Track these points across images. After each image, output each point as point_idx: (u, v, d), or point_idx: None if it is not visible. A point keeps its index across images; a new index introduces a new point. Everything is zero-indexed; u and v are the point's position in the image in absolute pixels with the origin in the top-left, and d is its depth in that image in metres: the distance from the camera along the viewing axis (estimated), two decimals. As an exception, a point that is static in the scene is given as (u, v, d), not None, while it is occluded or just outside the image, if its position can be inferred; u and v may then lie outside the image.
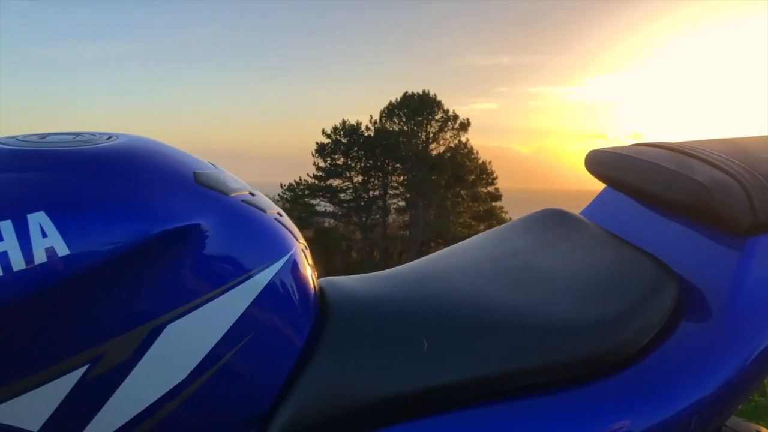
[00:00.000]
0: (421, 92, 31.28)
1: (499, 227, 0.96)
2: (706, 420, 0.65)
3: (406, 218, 31.28)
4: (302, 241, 0.67)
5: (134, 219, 0.50)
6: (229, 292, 0.54)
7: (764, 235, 0.72)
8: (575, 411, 0.64)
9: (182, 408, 0.53)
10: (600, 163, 0.91)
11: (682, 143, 0.85)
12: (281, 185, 30.36)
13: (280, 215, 0.65)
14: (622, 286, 0.72)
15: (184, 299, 0.52)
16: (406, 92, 31.53)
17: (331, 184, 30.74)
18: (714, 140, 0.87)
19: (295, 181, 30.44)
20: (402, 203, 31.39)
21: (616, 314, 0.68)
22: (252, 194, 0.62)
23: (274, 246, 0.59)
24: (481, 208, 31.11)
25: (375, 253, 28.84)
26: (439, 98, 31.24)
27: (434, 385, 0.62)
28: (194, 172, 0.57)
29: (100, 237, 0.48)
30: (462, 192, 30.93)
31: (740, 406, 2.21)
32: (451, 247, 0.91)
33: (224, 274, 0.54)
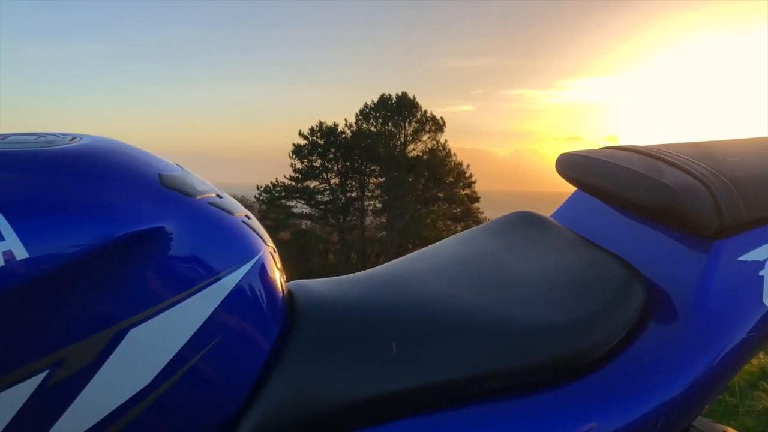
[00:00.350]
0: (398, 94, 31.36)
1: (470, 230, 0.96)
2: (673, 421, 0.66)
3: (384, 220, 31.29)
4: (270, 244, 0.66)
5: (96, 222, 0.49)
6: (195, 295, 0.53)
7: (730, 238, 0.73)
8: (543, 414, 0.64)
9: (148, 412, 0.52)
10: (570, 166, 0.92)
11: (652, 147, 0.85)
12: (257, 187, 30.15)
13: (248, 218, 0.64)
14: (590, 288, 0.72)
15: (148, 303, 0.51)
16: (384, 94, 31.60)
17: (308, 186, 30.62)
18: (683, 144, 0.88)
19: (271, 182, 30.27)
20: (379, 205, 31.41)
21: (583, 317, 0.68)
22: (219, 196, 0.62)
23: (241, 249, 0.58)
24: (458, 210, 31.26)
25: (352, 255, 28.81)
26: (416, 100, 31.36)
27: (403, 389, 0.62)
28: (159, 174, 0.57)
29: (60, 240, 0.48)
30: (440, 194, 31.05)
31: (710, 407, 2.24)
32: (422, 249, 0.91)
33: (189, 278, 0.53)
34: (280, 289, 0.63)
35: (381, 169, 30.79)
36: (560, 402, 0.65)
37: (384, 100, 31.33)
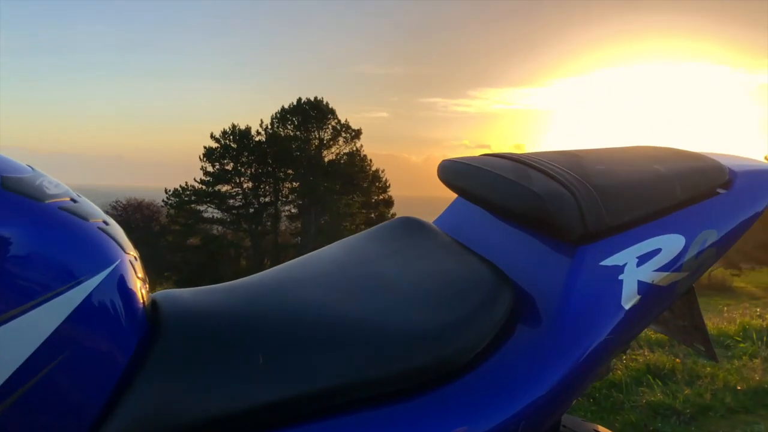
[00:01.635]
0: (314, 98, 31.24)
1: (354, 236, 0.95)
2: (536, 422, 0.67)
3: (298, 225, 31.03)
4: (132, 251, 0.63)
5: None
6: (38, 308, 0.50)
7: (593, 244, 0.75)
8: (411, 422, 0.64)
9: None
10: (450, 172, 0.92)
11: (527, 154, 0.87)
12: (166, 190, 29.08)
13: (106, 223, 0.61)
14: (459, 294, 0.72)
15: None
16: (299, 98, 31.39)
17: (219, 190, 29.91)
18: (557, 152, 0.90)
19: (180, 186, 29.28)
20: (294, 210, 31.13)
21: (450, 323, 0.68)
22: (74, 201, 0.59)
23: (94, 257, 0.55)
24: (373, 215, 31.48)
25: (265, 261, 28.29)
26: (332, 105, 31.38)
27: (269, 402, 0.60)
28: (2, 176, 0.53)
29: None
30: (355, 199, 31.17)
31: (598, 402, 2.33)
32: (304, 256, 0.90)
33: (32, 289, 0.50)
34: (141, 299, 0.60)
35: (296, 174, 30.55)
36: (428, 409, 0.65)
37: (299, 104, 31.12)
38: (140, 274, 0.63)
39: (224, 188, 30.02)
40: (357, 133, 31.40)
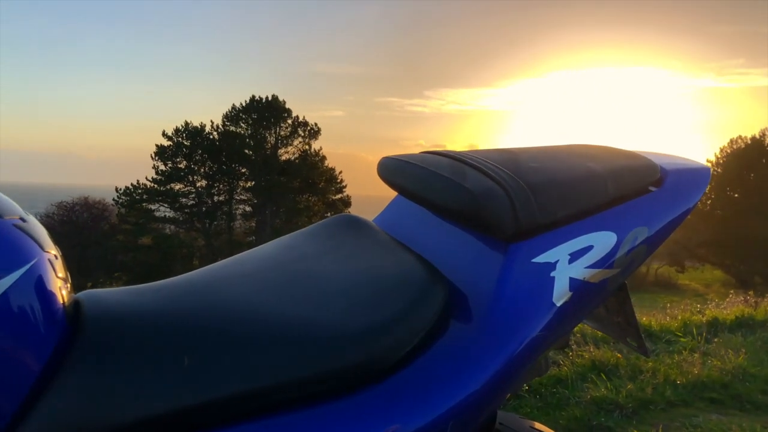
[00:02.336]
0: (269, 96, 30.90)
1: (292, 233, 0.94)
2: (464, 422, 0.67)
3: (253, 224, 30.64)
4: (52, 250, 0.60)
5: None
6: None
7: (526, 241, 0.75)
8: (341, 422, 0.62)
9: None
10: (388, 170, 0.92)
11: (466, 152, 0.87)
12: (116, 189, 28.28)
13: (23, 220, 0.58)
14: (391, 292, 0.71)
15: None
16: (254, 96, 30.97)
17: (171, 189, 29.24)
18: (494, 150, 0.90)
19: (132, 184, 28.53)
20: (249, 209, 30.72)
21: (380, 321, 0.67)
22: None
23: (7, 256, 0.53)
24: (329, 214, 31.34)
25: (219, 261, 27.82)
26: (288, 104, 31.09)
27: (194, 404, 0.58)
28: None
29: None
30: (311, 198, 30.98)
31: (544, 398, 2.37)
32: (241, 253, 0.88)
33: None
34: (61, 299, 0.58)
35: (251, 173, 30.15)
36: (356, 409, 0.64)
37: (252, 102, 30.73)
38: (61, 274, 0.60)
39: (177, 187, 29.39)
40: (315, 132, 31.20)
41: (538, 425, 0.96)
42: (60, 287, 0.58)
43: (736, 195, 31.37)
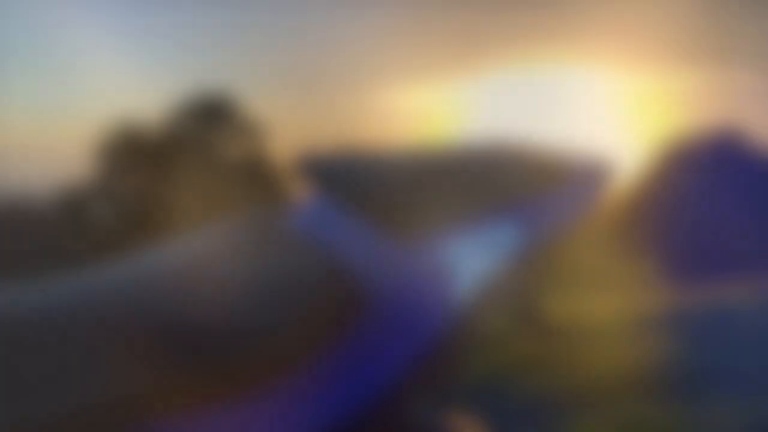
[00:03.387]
0: (211, 93, 30.01)
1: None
2: (371, 421, 0.68)
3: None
4: None
5: None
6: None
7: (436, 239, 0.77)
8: (234, 427, 0.62)
9: None
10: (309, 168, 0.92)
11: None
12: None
13: None
14: (297, 293, 0.71)
15: None
16: (194, 93, 29.96)
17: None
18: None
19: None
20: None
21: (284, 322, 0.67)
22: None
23: None
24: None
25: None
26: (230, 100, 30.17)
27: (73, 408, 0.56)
28: None
29: None
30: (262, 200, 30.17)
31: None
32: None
33: None
34: None
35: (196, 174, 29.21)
36: (255, 413, 0.63)
37: (194, 99, 29.74)
38: None
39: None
40: (262, 130, 30.50)
41: (455, 416, 0.97)
42: None
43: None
